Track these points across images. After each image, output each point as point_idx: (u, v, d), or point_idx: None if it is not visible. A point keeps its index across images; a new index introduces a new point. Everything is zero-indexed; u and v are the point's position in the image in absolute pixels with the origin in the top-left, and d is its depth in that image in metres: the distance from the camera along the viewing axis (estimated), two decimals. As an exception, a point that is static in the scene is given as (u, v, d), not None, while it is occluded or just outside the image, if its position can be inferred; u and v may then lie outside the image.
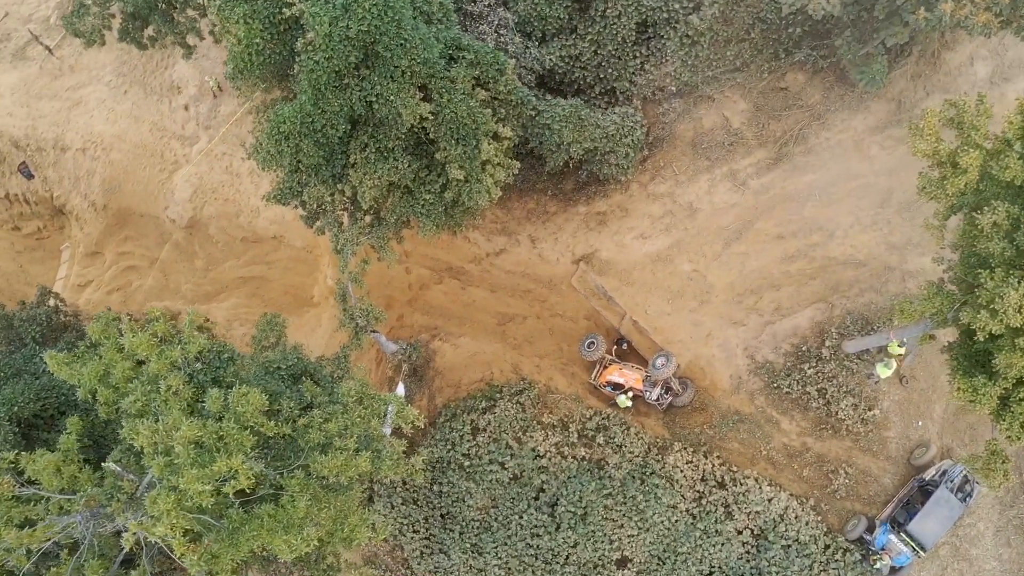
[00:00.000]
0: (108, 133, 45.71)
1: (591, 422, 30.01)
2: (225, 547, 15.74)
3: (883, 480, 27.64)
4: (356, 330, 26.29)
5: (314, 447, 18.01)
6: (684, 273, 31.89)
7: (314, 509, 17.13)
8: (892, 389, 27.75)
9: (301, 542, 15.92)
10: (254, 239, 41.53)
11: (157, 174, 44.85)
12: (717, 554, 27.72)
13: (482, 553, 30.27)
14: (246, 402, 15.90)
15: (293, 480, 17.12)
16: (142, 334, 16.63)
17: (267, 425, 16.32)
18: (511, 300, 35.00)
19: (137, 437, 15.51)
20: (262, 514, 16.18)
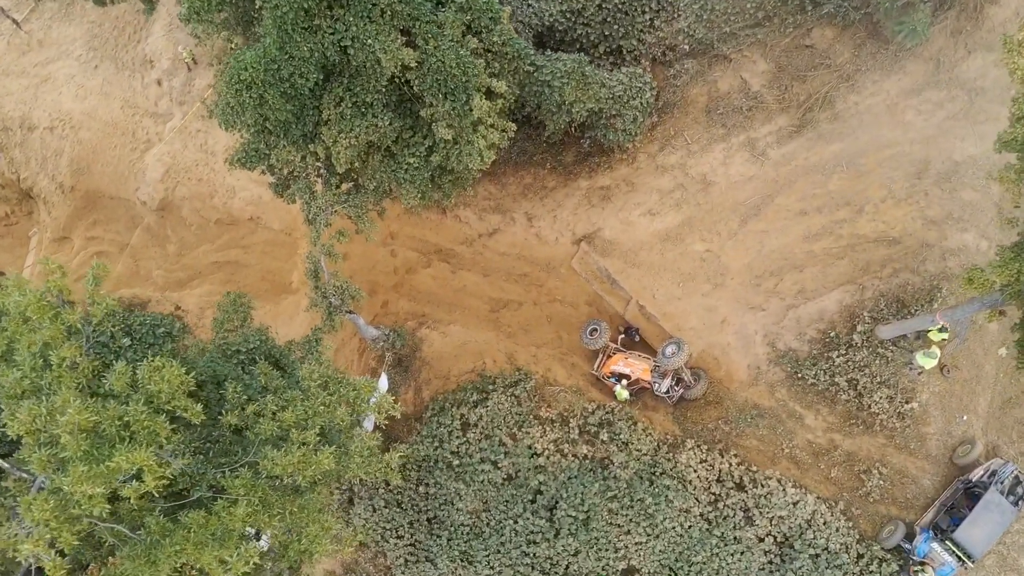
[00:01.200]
0: (77, 111, 42.73)
1: (593, 417, 26.98)
2: (140, 565, 12.62)
3: (922, 482, 24.62)
4: (329, 310, 23.25)
5: (266, 440, 14.98)
6: (696, 253, 28.91)
7: (262, 516, 14.07)
8: (932, 380, 24.75)
9: (238, 559, 12.85)
10: (229, 221, 38.54)
11: (128, 154, 41.82)
12: (736, 564, 24.68)
13: (472, 561, 27.20)
14: (160, 378, 12.81)
15: (237, 480, 14.08)
16: (31, 292, 13.50)
17: (192, 410, 13.24)
18: (505, 285, 32.02)
19: (13, 422, 12.29)
20: (190, 523, 13.11)
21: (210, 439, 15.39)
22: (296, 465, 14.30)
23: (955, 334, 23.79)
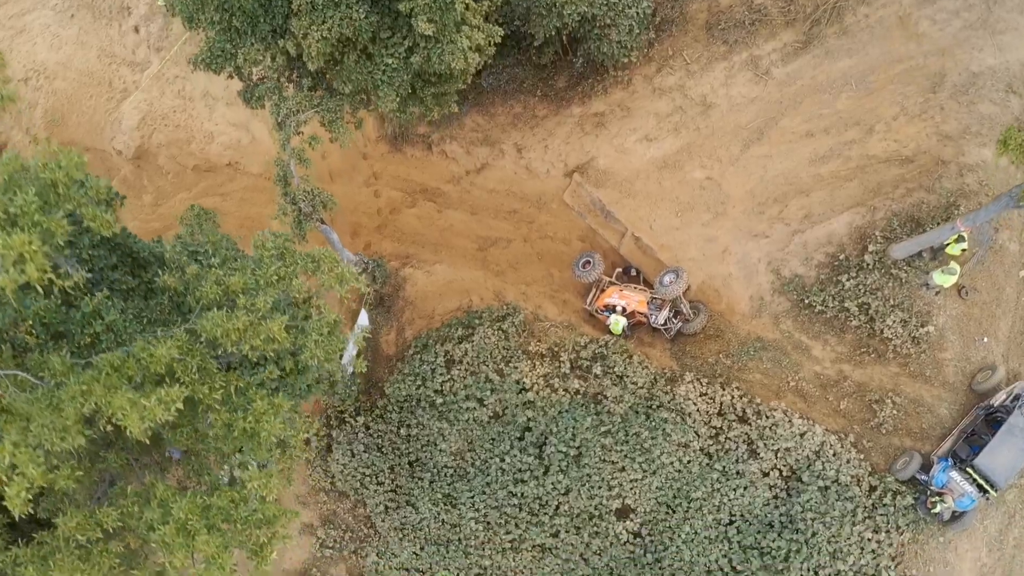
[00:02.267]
0: (52, 61, 41.08)
1: (586, 351, 25.21)
2: (41, 410, 10.77)
3: (939, 410, 22.87)
4: (298, 217, 21.50)
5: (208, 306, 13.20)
6: (696, 181, 27.24)
7: (200, 388, 12.25)
8: (949, 302, 23.04)
9: (158, 404, 11.02)
10: (207, 168, 36.83)
11: (104, 104, 40.16)
12: (739, 499, 22.89)
13: (456, 504, 25.41)
14: (55, 166, 10.99)
15: (171, 340, 12.25)
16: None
17: (101, 219, 11.33)
18: (494, 222, 30.33)
19: None
20: (102, 364, 11.29)
21: (146, 308, 13.61)
22: (241, 332, 12.51)
23: (977, 244, 22.10)
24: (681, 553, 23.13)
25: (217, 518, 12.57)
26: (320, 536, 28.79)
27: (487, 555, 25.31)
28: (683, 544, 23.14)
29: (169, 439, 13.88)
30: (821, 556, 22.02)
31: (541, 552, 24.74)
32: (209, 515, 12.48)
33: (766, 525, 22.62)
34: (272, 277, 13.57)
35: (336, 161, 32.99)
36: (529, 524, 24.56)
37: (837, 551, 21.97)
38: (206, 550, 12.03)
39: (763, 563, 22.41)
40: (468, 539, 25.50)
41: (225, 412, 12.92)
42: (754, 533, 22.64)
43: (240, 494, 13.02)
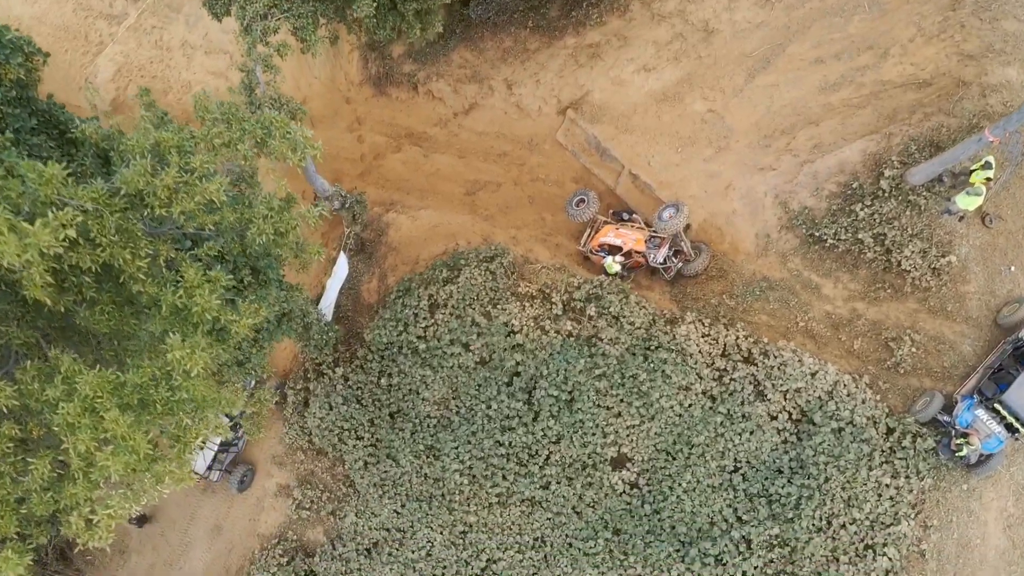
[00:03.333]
0: (27, 15, 39.37)
1: (580, 292, 23.38)
2: None
3: (961, 348, 21.05)
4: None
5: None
6: (697, 114, 25.49)
7: (104, 228, 10.30)
8: (972, 231, 21.25)
9: (44, 227, 9.10)
10: (185, 119, 35.05)
11: (80, 58, 38.40)
12: (744, 444, 21.04)
13: (439, 456, 23.54)
14: None
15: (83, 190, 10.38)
16: None
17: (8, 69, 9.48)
18: (483, 165, 28.58)
19: None
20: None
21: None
22: (171, 191, 10.69)
23: (1003, 166, 20.32)
24: (682, 503, 21.28)
25: (132, 397, 10.72)
26: (296, 497, 26.95)
27: (472, 511, 23.45)
28: (684, 494, 21.29)
29: (86, 318, 12.04)
30: (835, 503, 20.17)
31: (530, 506, 22.88)
32: (122, 394, 10.63)
33: (774, 471, 20.78)
34: (214, 140, 11.76)
35: (318, 106, 31.29)
36: (517, 476, 22.71)
37: (852, 498, 20.12)
38: (115, 429, 10.18)
39: (771, 512, 20.57)
40: (452, 494, 23.64)
41: (152, 285, 11.09)
42: (761, 480, 20.80)
43: (161, 370, 11.15)
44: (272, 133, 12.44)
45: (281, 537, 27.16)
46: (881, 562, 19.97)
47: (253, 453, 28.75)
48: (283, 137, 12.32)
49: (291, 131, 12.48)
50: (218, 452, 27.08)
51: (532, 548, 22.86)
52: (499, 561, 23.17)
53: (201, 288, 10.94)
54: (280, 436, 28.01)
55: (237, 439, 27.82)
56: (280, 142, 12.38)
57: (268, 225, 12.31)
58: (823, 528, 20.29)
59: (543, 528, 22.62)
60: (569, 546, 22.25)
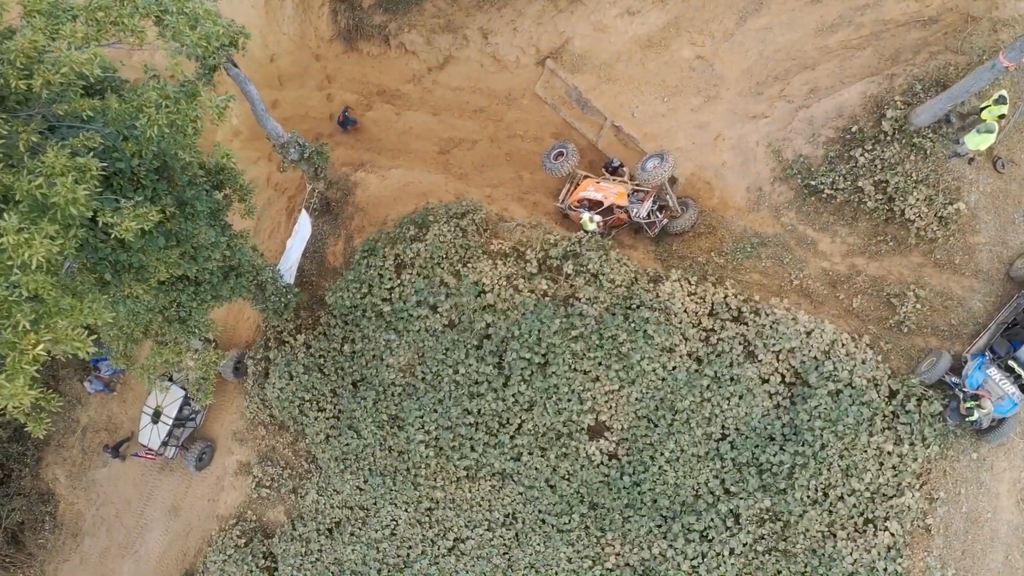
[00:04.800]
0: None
1: (556, 248, 21.54)
2: None
3: (971, 303, 19.21)
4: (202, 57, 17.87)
5: None
6: (685, 61, 23.68)
7: None
8: (982, 177, 19.42)
9: None
10: (148, 82, 33.27)
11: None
12: (733, 410, 19.19)
13: (403, 426, 21.72)
14: None
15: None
16: None
17: None
18: (458, 122, 26.79)
19: None
20: None
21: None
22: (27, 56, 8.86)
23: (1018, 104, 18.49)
24: (664, 475, 19.44)
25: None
26: (256, 475, 25.17)
27: (439, 486, 21.64)
28: (666, 464, 19.46)
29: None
30: (831, 473, 18.33)
31: (501, 480, 21.06)
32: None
33: (766, 438, 18.93)
34: (97, 15, 9.93)
35: (286, 64, 29.49)
36: (487, 447, 20.89)
37: (850, 467, 18.27)
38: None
39: (761, 482, 18.73)
40: (417, 468, 21.83)
41: (6, 173, 9.26)
42: (751, 448, 18.95)
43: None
44: (167, 7, 10.59)
45: (240, 518, 25.37)
46: (882, 538, 18.13)
47: (213, 429, 26.99)
48: (180, 10, 10.46)
49: (191, 3, 10.60)
50: (173, 427, 25.30)
51: (503, 525, 21.05)
52: (467, 540, 21.37)
53: (64, 176, 9.11)
54: (241, 411, 26.26)
55: (194, 413, 26.04)
56: (177, 18, 10.52)
57: (162, 115, 10.49)
58: (818, 500, 18.45)
59: (514, 503, 20.80)
60: (542, 522, 20.43)
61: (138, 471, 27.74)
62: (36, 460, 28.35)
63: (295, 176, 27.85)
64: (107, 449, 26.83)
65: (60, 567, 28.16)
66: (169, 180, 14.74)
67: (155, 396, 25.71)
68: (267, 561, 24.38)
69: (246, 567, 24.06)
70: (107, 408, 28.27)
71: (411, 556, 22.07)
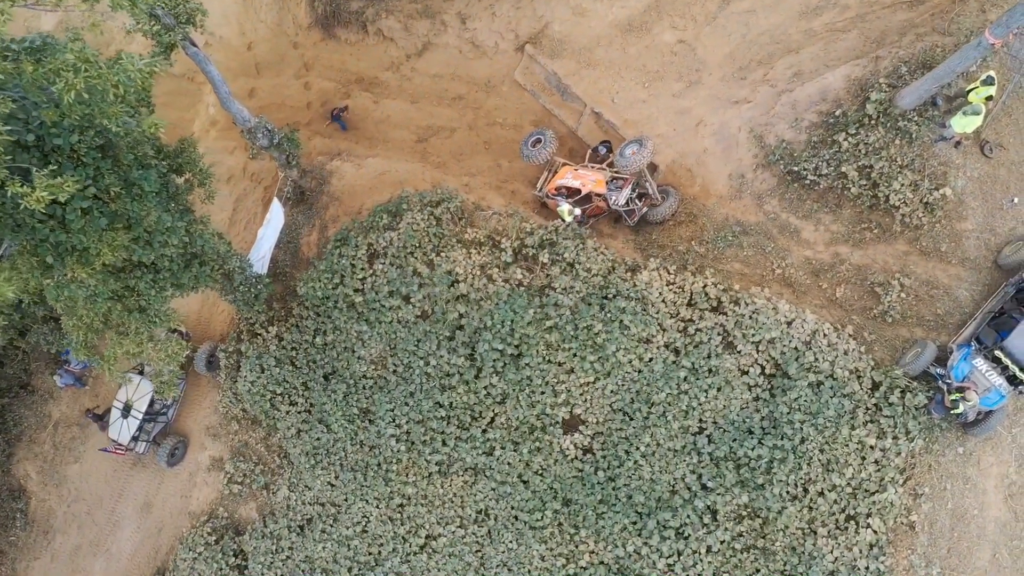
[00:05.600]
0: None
1: (532, 237, 20.89)
2: None
3: (957, 292, 18.54)
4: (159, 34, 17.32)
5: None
6: (666, 45, 23.05)
7: None
8: (969, 161, 18.74)
9: None
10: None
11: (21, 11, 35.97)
12: (711, 402, 18.54)
13: (374, 420, 21.09)
14: None
15: None
16: None
17: None
18: (436, 110, 26.16)
19: None
20: None
21: None
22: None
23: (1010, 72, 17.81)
24: (640, 470, 18.79)
25: None
26: (228, 471, 24.56)
27: (410, 481, 21.01)
28: (642, 458, 18.81)
29: None
30: (811, 468, 17.66)
31: (473, 475, 20.42)
32: None
33: (744, 432, 18.26)
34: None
35: (264, 51, 28.92)
36: (458, 441, 20.25)
37: (831, 461, 17.60)
38: None
39: (740, 477, 18.06)
40: (388, 463, 21.21)
41: None
42: (729, 442, 18.29)
43: None
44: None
45: (211, 515, 24.76)
46: (865, 535, 17.46)
47: (187, 424, 26.39)
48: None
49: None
50: (144, 421, 24.68)
51: (475, 522, 20.40)
52: (439, 537, 20.73)
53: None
54: (215, 405, 25.67)
55: (165, 408, 25.43)
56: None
57: (80, 80, 9.86)
58: (798, 496, 17.78)
59: (486, 500, 20.16)
60: (515, 519, 19.78)
61: (110, 467, 27.14)
62: (7, 456, 27.76)
63: (272, 166, 27.26)
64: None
65: (31, 565, 27.56)
66: (114, 159, 14.15)
67: (125, 390, 25.10)
68: (237, 559, 23.76)
69: (216, 565, 23.45)
70: (79, 403, 27.66)
71: (382, 554, 21.43)
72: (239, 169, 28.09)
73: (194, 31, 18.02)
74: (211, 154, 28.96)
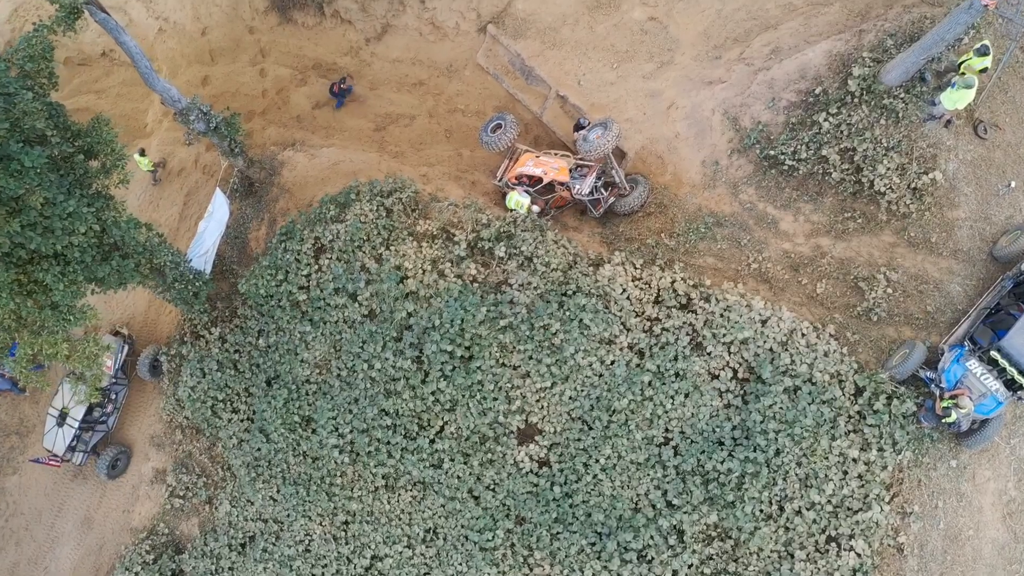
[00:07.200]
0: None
1: (488, 229, 19.14)
2: None
3: (949, 287, 16.75)
4: (62, 1, 15.73)
5: None
6: (636, 23, 21.39)
7: None
8: (961, 143, 16.96)
9: None
10: (81, 60, 31.29)
11: (-21, 3, 34.59)
12: (677, 410, 16.75)
13: (315, 429, 19.37)
14: None
15: None
16: None
17: None
18: (396, 96, 24.56)
19: None
20: None
21: None
22: None
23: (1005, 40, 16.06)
24: (599, 485, 17.03)
25: None
26: (170, 483, 22.88)
27: (355, 496, 19.29)
28: (602, 472, 17.04)
29: None
30: (788, 483, 15.86)
31: (422, 490, 18.68)
32: None
33: (713, 443, 16.48)
34: None
35: (218, 37, 27.38)
36: (405, 452, 18.51)
37: (810, 476, 15.80)
38: None
39: (708, 493, 16.26)
40: (332, 476, 19.50)
41: None
42: (697, 454, 16.50)
43: None
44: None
45: (151, 531, 23.06)
46: (847, 558, 15.65)
47: (130, 433, 24.73)
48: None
49: None
50: (81, 430, 23.02)
51: (423, 542, 18.66)
52: (385, 558, 18.99)
53: None
54: (159, 412, 24.01)
55: (105, 415, 23.75)
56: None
57: None
58: (773, 515, 15.98)
59: (435, 517, 18.41)
60: (464, 539, 18.01)
61: (50, 479, 25.47)
62: (-58, 467, 26.11)
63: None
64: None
65: (-34, 583, 25.90)
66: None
67: (61, 395, 23.45)
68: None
69: (152, 585, 21.76)
70: (18, 410, 26.03)
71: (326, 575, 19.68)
72: (191, 161, 26.50)
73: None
74: (163, 145, 27.41)
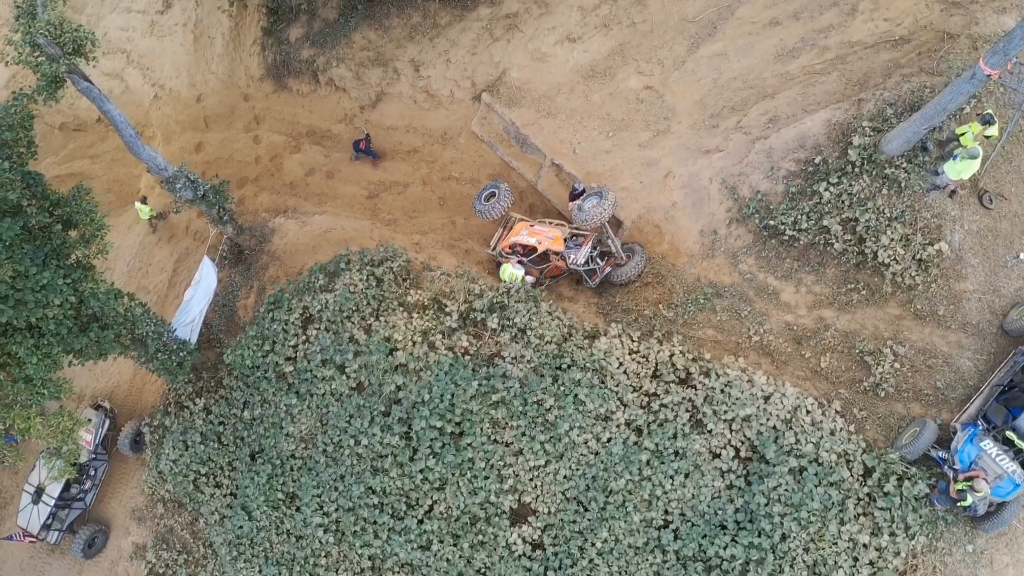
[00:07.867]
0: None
1: (481, 300, 18.62)
2: None
3: (958, 362, 16.11)
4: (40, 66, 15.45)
5: None
6: (631, 91, 21.25)
7: None
8: (966, 213, 16.56)
9: None
10: (76, 126, 31.32)
11: (-21, 69, 34.84)
12: (677, 491, 15.95)
13: (300, 507, 18.51)
14: None
15: None
16: None
17: None
18: (389, 164, 24.39)
19: None
20: None
21: None
22: None
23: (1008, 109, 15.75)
24: (596, 570, 16.12)
25: None
26: (150, 560, 21.87)
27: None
28: (598, 556, 16.14)
29: None
30: (795, 570, 14.96)
31: (409, 573, 17.71)
32: None
33: (716, 526, 15.63)
34: None
35: (214, 104, 27.36)
36: (392, 532, 17.62)
37: (818, 562, 14.92)
38: None
39: (710, 581, 15.35)
40: (316, 556, 18.57)
41: None
42: (698, 538, 15.63)
43: None
44: None
45: (128, 611, 21.96)
46: (861, 652, 14.65)
47: (110, 508, 23.80)
48: None
49: None
50: (57, 508, 22.10)
51: (410, 629, 17.63)
52: (370, 646, 17.92)
53: None
54: (141, 485, 23.13)
55: (83, 492, 22.85)
56: None
57: None
58: (780, 604, 15.04)
59: (423, 602, 17.43)
60: (454, 627, 17.01)
61: (26, 554, 24.46)
62: (-86, 541, 25.07)
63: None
64: None
65: (-67, 667, 24.63)
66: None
67: (38, 472, 22.61)
68: (150, 666, 20.90)
69: (125, 673, 20.57)
70: (-4, 482, 25.15)
71: (307, 665, 18.61)
72: (181, 228, 26.15)
73: (85, 63, 16.14)
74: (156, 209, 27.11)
